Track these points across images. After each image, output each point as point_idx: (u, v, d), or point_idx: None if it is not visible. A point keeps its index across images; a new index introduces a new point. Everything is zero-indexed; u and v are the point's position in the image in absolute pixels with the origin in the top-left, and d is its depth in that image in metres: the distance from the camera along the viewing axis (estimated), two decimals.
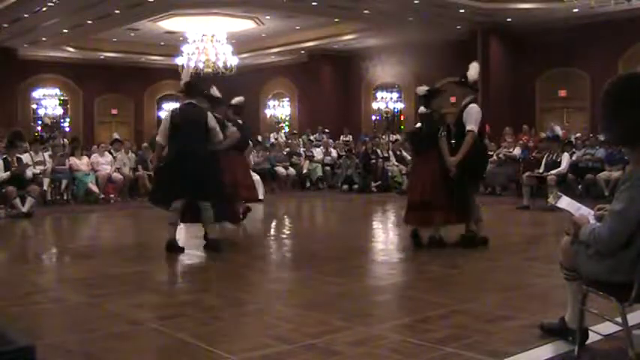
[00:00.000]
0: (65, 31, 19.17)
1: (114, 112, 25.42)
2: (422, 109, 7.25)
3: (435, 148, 6.92)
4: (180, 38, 20.07)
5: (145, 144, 16.05)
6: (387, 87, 22.56)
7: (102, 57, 23.33)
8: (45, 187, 12.61)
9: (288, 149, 17.48)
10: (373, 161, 15.87)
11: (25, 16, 17.04)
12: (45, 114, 23.18)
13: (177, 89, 7.58)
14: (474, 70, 7.16)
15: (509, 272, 6.08)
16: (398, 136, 18.59)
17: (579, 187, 12.53)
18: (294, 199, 13.92)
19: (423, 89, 7.28)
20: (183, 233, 7.79)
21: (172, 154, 6.92)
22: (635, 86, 3.11)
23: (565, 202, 3.46)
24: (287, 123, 25.64)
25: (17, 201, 10.68)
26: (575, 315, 3.49)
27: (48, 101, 23.55)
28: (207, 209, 6.89)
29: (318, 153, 17.45)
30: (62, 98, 24.33)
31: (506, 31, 18.36)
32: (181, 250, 6.87)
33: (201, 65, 19.33)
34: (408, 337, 3.80)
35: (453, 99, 7.49)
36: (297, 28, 20.36)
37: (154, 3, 16.13)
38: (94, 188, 13.12)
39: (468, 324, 4.08)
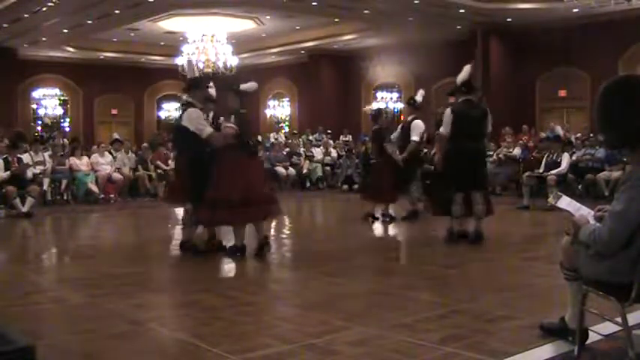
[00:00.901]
0: (65, 31, 19.16)
1: (114, 112, 25.42)
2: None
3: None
4: (180, 38, 20.07)
5: (145, 144, 16.06)
6: (387, 87, 22.57)
7: (102, 57, 23.32)
8: (45, 187, 12.62)
9: (288, 149, 17.48)
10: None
11: (25, 16, 17.04)
12: (45, 114, 23.21)
13: (180, 88, 7.47)
14: (462, 73, 7.48)
15: (509, 272, 6.07)
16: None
17: (579, 187, 12.52)
18: (294, 199, 13.91)
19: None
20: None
21: None
22: (633, 87, 3.10)
23: (565, 202, 3.46)
24: (287, 123, 25.64)
25: (17, 201, 10.69)
26: (575, 315, 3.49)
27: (48, 101, 23.58)
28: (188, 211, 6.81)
29: (318, 153, 17.45)
30: (62, 98, 24.34)
31: (506, 31, 18.35)
32: (197, 252, 6.78)
33: (201, 65, 19.34)
34: (408, 337, 3.80)
35: (452, 99, 7.82)
36: (297, 28, 20.36)
37: (153, 3, 16.13)
38: (94, 188, 13.13)
39: (468, 324, 4.08)
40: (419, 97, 9.73)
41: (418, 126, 9.37)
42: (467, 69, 7.52)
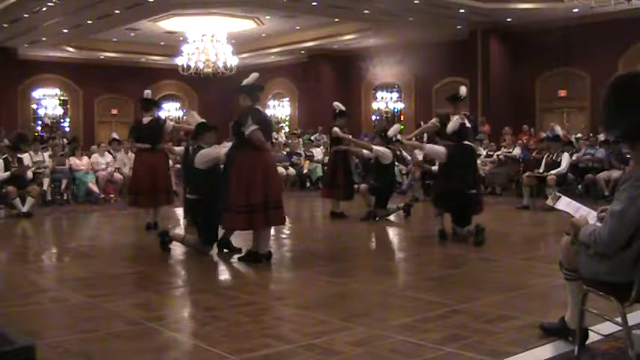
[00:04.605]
0: (65, 31, 19.15)
1: (114, 112, 25.37)
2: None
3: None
4: (180, 38, 20.06)
5: None
6: (387, 87, 22.56)
7: (102, 57, 23.29)
8: (45, 187, 12.62)
9: (288, 149, 17.47)
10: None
11: (25, 16, 17.03)
12: (45, 114, 23.18)
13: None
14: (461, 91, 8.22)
15: (509, 272, 6.08)
16: (399, 136, 18.54)
17: (579, 187, 12.53)
18: (294, 199, 13.90)
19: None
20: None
21: None
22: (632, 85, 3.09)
23: (564, 203, 3.46)
24: (287, 123, 25.64)
25: (17, 201, 10.69)
26: (575, 315, 3.49)
27: (48, 101, 23.56)
28: None
29: (318, 153, 17.44)
30: (62, 98, 24.31)
31: (506, 31, 18.34)
32: (236, 249, 6.87)
33: (201, 65, 19.34)
34: (408, 337, 3.80)
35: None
36: (297, 28, 20.36)
37: (153, 3, 16.12)
38: (94, 188, 13.14)
39: (468, 324, 4.08)
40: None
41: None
42: (463, 90, 8.27)
